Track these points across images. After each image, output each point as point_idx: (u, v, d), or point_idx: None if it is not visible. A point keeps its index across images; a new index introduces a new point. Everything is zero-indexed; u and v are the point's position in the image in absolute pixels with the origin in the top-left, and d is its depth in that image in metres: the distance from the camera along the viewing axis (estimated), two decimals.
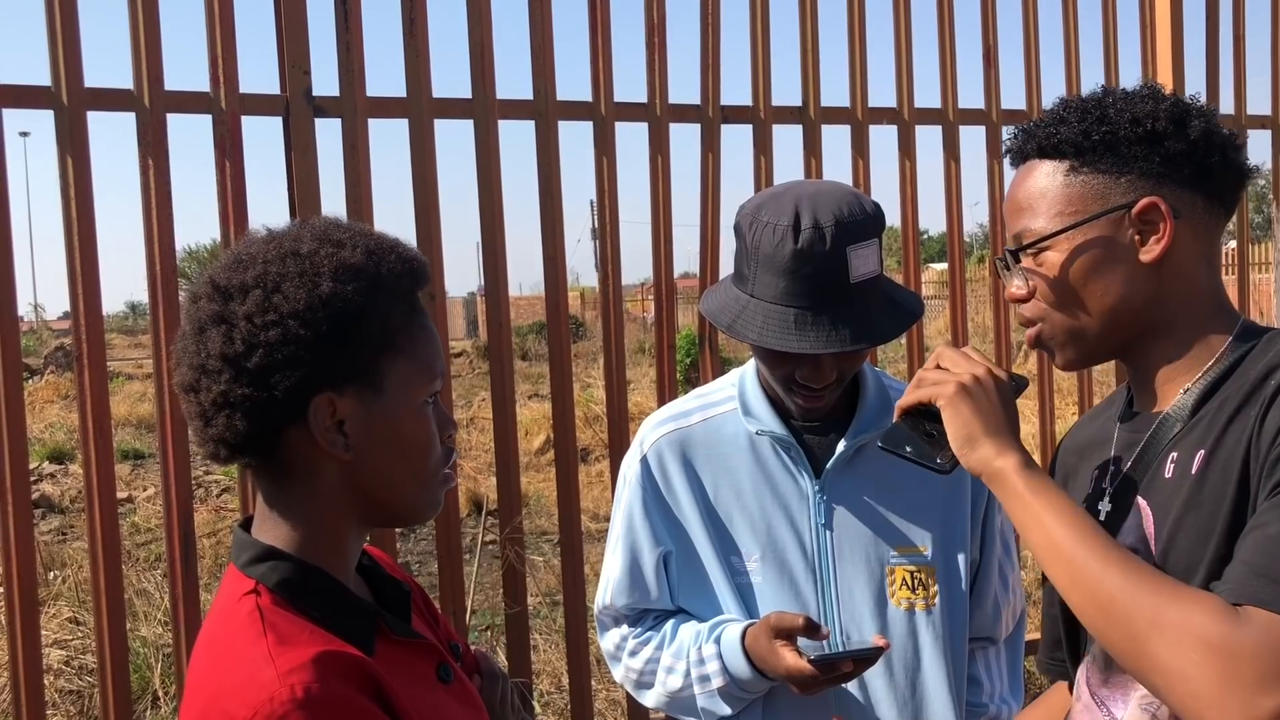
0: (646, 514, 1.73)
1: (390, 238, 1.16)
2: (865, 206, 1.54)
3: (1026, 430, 6.90)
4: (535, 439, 10.20)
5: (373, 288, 1.09)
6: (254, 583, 1.08)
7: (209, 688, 1.01)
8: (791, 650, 1.51)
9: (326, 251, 1.09)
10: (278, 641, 1.01)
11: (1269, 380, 1.11)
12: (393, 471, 1.13)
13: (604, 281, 3.08)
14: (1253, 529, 1.04)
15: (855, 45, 3.32)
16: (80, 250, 2.51)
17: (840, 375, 1.60)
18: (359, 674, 1.02)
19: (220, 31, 2.62)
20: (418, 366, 1.13)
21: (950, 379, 1.23)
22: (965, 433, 1.19)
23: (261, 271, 1.07)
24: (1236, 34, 3.92)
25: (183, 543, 2.61)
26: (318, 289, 1.06)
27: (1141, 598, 1.00)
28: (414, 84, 2.83)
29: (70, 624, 5.14)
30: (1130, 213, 1.19)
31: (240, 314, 1.06)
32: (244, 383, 1.05)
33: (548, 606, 5.37)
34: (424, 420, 1.14)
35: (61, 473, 10.64)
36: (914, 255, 3.49)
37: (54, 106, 2.49)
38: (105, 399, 2.55)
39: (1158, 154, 1.19)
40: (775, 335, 1.52)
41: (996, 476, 1.16)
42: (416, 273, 1.15)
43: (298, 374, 1.06)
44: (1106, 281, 1.21)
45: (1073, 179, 1.23)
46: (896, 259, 12.14)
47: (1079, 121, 1.23)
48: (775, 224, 1.51)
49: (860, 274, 1.51)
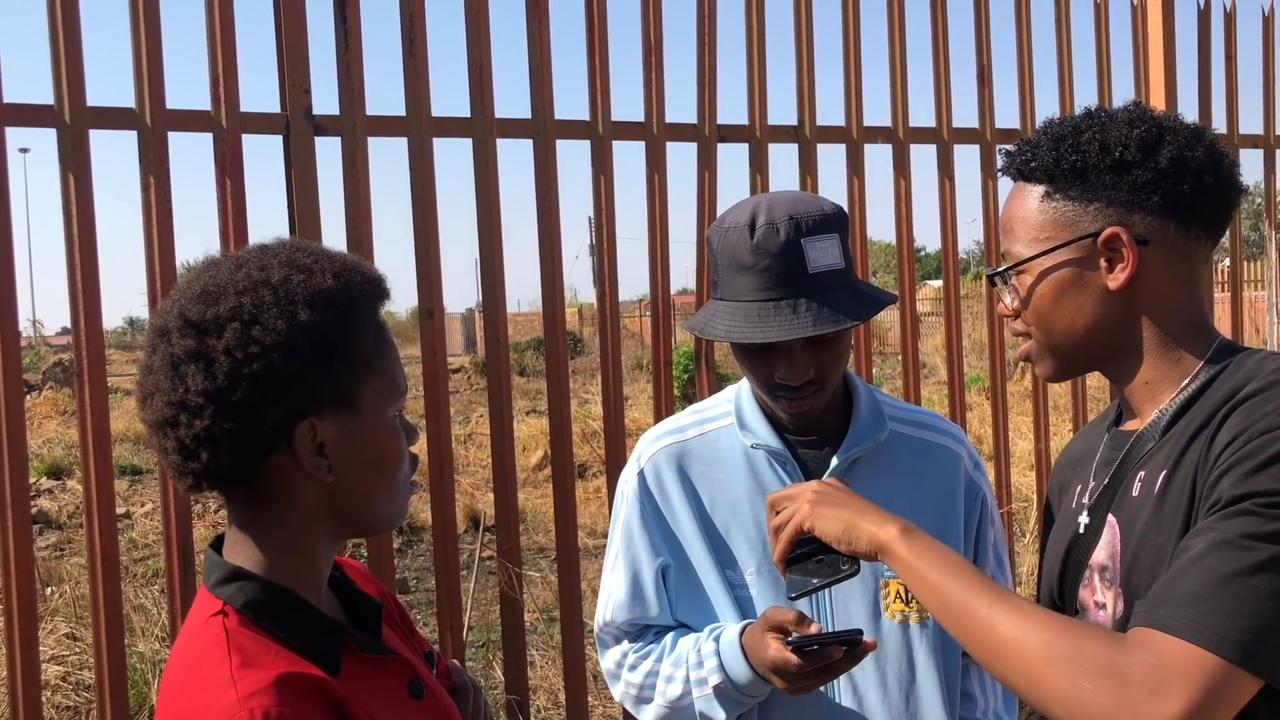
0: (645, 527, 1.74)
1: (350, 257, 1.17)
2: (824, 206, 1.60)
3: (1023, 447, 6.87)
4: (533, 455, 10.20)
5: (348, 312, 1.10)
6: (221, 604, 1.09)
7: (175, 711, 1.02)
8: (778, 640, 1.52)
9: (298, 279, 1.09)
10: (241, 664, 1.02)
11: (1228, 403, 1.13)
12: (369, 487, 1.15)
13: (601, 298, 3.10)
14: (1180, 551, 1.06)
15: (850, 65, 3.35)
16: (81, 267, 2.52)
17: (819, 373, 1.62)
18: (321, 695, 1.03)
19: (221, 50, 2.65)
20: (387, 383, 1.15)
21: (796, 502, 1.32)
22: (841, 528, 1.26)
23: (235, 304, 1.07)
24: (1228, 54, 3.96)
25: (181, 558, 2.62)
26: (296, 319, 1.06)
27: (1030, 636, 1.03)
28: (413, 103, 2.85)
29: (68, 640, 5.13)
30: (1096, 241, 1.22)
31: (219, 349, 1.05)
32: (228, 417, 1.05)
33: (544, 623, 5.37)
34: (396, 434, 1.16)
35: (59, 488, 10.62)
36: (909, 272, 3.51)
37: (56, 125, 2.51)
38: (105, 414, 2.56)
39: (1125, 183, 1.21)
40: (741, 329, 1.56)
41: (884, 549, 1.21)
42: (382, 290, 1.17)
43: (283, 405, 1.06)
44: (1078, 305, 1.25)
45: (1046, 205, 1.26)
46: (893, 276, 12.12)
47: (1053, 148, 1.25)
48: (734, 225, 1.59)
49: (820, 265, 1.55)
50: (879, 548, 1.21)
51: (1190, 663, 0.96)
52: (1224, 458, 1.08)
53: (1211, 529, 1.03)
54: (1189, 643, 0.96)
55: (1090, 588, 1.27)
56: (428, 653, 1.35)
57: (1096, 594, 1.26)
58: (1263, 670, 0.96)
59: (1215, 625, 0.96)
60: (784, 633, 1.53)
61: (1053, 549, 1.38)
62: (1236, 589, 0.98)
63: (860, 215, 3.40)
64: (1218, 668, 0.95)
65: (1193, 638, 0.96)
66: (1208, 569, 1.00)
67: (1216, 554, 1.00)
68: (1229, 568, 0.99)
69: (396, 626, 1.33)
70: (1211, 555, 1.01)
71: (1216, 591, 0.98)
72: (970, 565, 1.16)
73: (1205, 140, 1.23)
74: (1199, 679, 0.95)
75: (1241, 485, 1.04)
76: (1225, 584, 0.98)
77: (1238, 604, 0.97)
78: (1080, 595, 1.29)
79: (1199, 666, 0.95)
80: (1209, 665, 0.95)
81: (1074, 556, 1.31)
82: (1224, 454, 1.08)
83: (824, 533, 1.27)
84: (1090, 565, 1.27)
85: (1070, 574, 1.31)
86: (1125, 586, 1.19)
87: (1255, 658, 0.95)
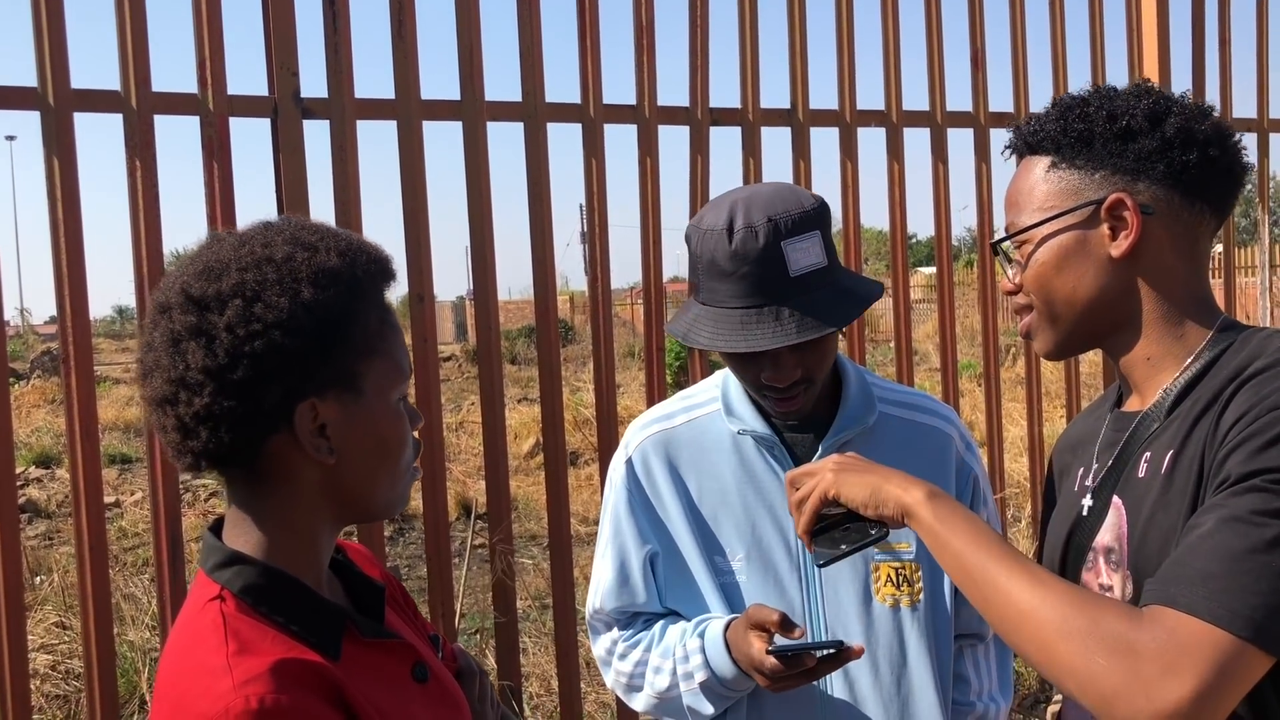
0: (633, 515, 1.74)
1: (355, 237, 1.15)
2: (803, 201, 1.56)
3: (1015, 433, 6.90)
4: (525, 442, 10.19)
5: (351, 291, 1.09)
6: (219, 588, 1.07)
7: (171, 697, 1.01)
8: (760, 640, 1.51)
9: (302, 256, 1.07)
10: (238, 650, 1.01)
11: (1234, 381, 1.12)
12: (371, 471, 1.13)
13: (593, 285, 3.08)
14: (1188, 530, 1.05)
15: (844, 48, 3.33)
16: (67, 253, 2.49)
17: (807, 373, 1.60)
18: (319, 681, 1.02)
19: (208, 32, 2.61)
20: (391, 365, 1.14)
21: (817, 474, 1.30)
22: (867, 492, 1.24)
23: (238, 280, 1.05)
24: (1222, 38, 3.94)
25: (170, 547, 2.60)
26: (299, 296, 1.05)
27: (1047, 608, 1.03)
28: (403, 85, 2.82)
29: (57, 629, 5.11)
30: (1100, 208, 1.21)
31: (221, 325, 1.03)
32: (228, 395, 1.04)
33: (537, 610, 5.36)
34: (400, 419, 1.15)
35: (48, 477, 10.58)
36: (902, 257, 3.50)
37: (40, 108, 2.48)
38: (92, 403, 2.53)
39: (1130, 151, 1.21)
40: (724, 338, 1.54)
41: (909, 511, 1.20)
42: (388, 271, 1.15)
43: (284, 384, 1.05)
44: (1079, 274, 1.24)
45: (1052, 174, 1.26)
46: (885, 262, 12.10)
47: (1060, 118, 1.25)
48: (712, 228, 1.55)
49: (801, 267, 1.52)
50: (904, 510, 1.20)
51: (1203, 640, 0.95)
52: (1231, 435, 1.07)
53: (1221, 506, 1.02)
54: (1202, 620, 0.96)
55: (1095, 570, 1.26)
56: (433, 636, 1.34)
57: (1101, 576, 1.25)
58: (1276, 648, 0.95)
59: (1229, 602, 0.96)
60: (767, 631, 1.52)
61: (1054, 532, 1.37)
62: (1249, 565, 0.97)
63: (854, 200, 3.38)
64: (1231, 645, 0.94)
65: (1206, 615, 0.96)
66: (1219, 545, 0.99)
67: (1228, 530, 1.00)
68: (1241, 544, 0.98)
69: (400, 610, 1.32)
70: (1222, 532, 1.00)
71: (1229, 568, 0.97)
72: (994, 533, 1.14)
73: (1211, 117, 1.23)
74: (1211, 657, 0.94)
75: (1250, 462, 1.03)
76: (1238, 560, 0.97)
77: (1251, 581, 0.96)
78: (1083, 578, 1.27)
79: (1212, 644, 0.95)
80: (1222, 643, 0.95)
81: (1076, 539, 1.30)
82: (1231, 431, 1.07)
83: (850, 498, 1.25)
84: (1094, 548, 1.26)
85: (1073, 557, 1.30)
86: (1133, 568, 1.18)
87: (1268, 635, 0.95)
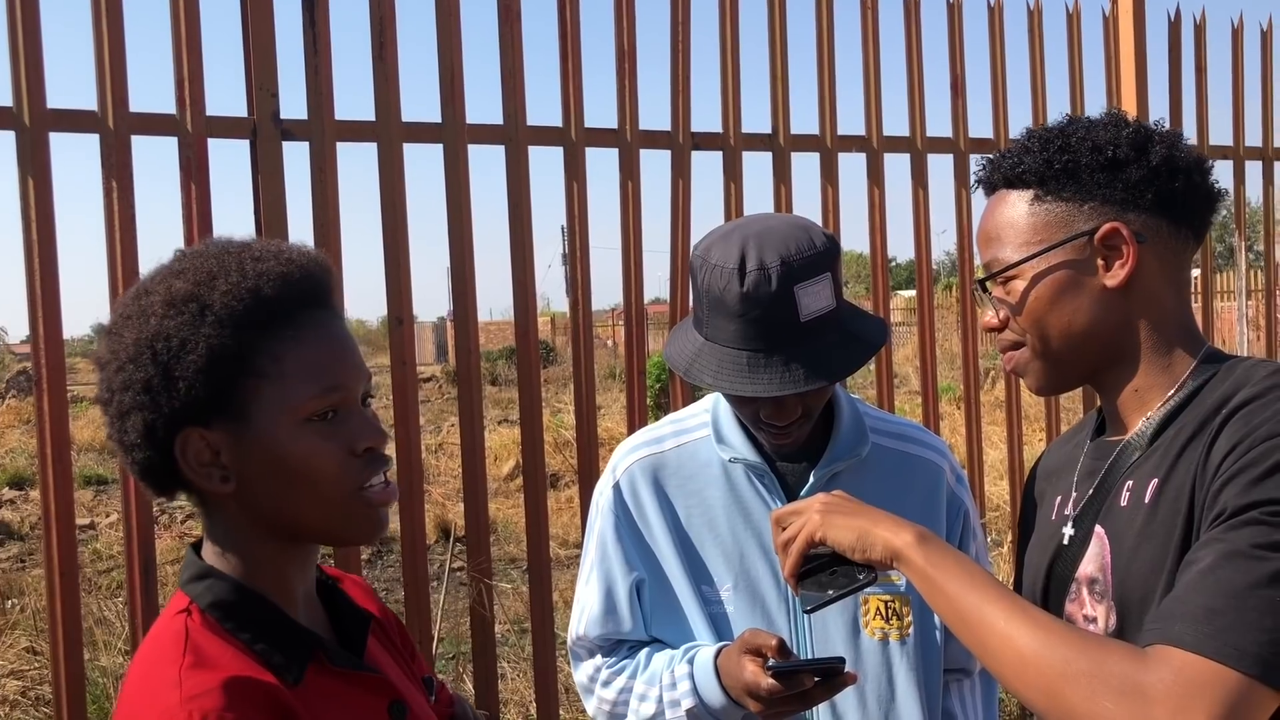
0: (619, 541, 1.71)
1: (257, 250, 1.10)
2: (815, 241, 1.51)
3: (995, 456, 6.92)
4: (504, 465, 10.14)
5: (198, 318, 1.04)
6: (188, 601, 1.08)
7: (126, 707, 1.01)
8: (755, 663, 1.49)
9: (164, 286, 1.07)
10: (193, 664, 1.00)
11: (1220, 411, 1.11)
12: (282, 494, 1.08)
13: (574, 307, 3.06)
14: (1187, 565, 1.04)
15: (825, 73, 3.34)
16: (41, 274, 2.46)
17: (806, 411, 1.58)
18: (270, 702, 1.00)
19: (187, 53, 2.60)
20: (288, 387, 1.06)
21: (804, 515, 1.26)
22: (854, 535, 1.20)
23: (119, 314, 1.08)
24: (1198, 65, 3.98)
25: (143, 570, 2.56)
26: (145, 328, 1.05)
27: (1049, 651, 1.00)
28: (383, 107, 2.81)
29: (28, 654, 5.03)
30: (1093, 239, 1.20)
31: (104, 359, 1.08)
32: (114, 426, 1.08)
33: (516, 634, 5.32)
34: (305, 441, 1.07)
35: (21, 499, 10.48)
36: (883, 282, 3.51)
37: (15, 127, 2.45)
38: (65, 424, 2.50)
39: (1120, 180, 1.20)
40: (729, 380, 1.51)
41: (899, 555, 1.17)
42: (268, 292, 1.07)
43: (142, 416, 1.05)
44: (1073, 307, 1.22)
45: (1037, 208, 1.24)
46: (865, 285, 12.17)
47: (1042, 151, 1.24)
48: (723, 266, 1.49)
49: (811, 311, 1.48)
50: (894, 554, 1.17)
51: (1212, 679, 0.93)
52: (1225, 467, 1.06)
53: (1219, 540, 1.01)
54: (1209, 659, 0.94)
55: (1078, 601, 1.25)
56: (426, 678, 1.31)
57: (1085, 608, 1.23)
58: None
59: (1234, 640, 0.94)
60: (763, 656, 1.50)
61: (1033, 562, 1.36)
62: (1253, 601, 0.95)
63: (835, 225, 3.39)
64: (1239, 683, 0.93)
65: (1212, 654, 0.94)
66: (1221, 581, 0.98)
67: (1228, 566, 0.98)
68: (1243, 580, 0.97)
69: (393, 649, 1.29)
70: (1223, 567, 0.99)
71: (1232, 605, 0.96)
72: (987, 574, 1.12)
73: (1184, 144, 1.24)
74: (1221, 696, 0.93)
75: (1246, 494, 1.02)
76: (1241, 596, 0.96)
77: (1255, 616, 0.95)
78: (1067, 609, 1.26)
79: (1221, 683, 0.93)
80: (1230, 681, 0.93)
81: (1058, 570, 1.28)
82: (1224, 463, 1.06)
83: (837, 541, 1.22)
84: (1077, 578, 1.25)
85: (1055, 588, 1.29)
86: (1118, 599, 1.17)
87: (1276, 671, 0.93)
